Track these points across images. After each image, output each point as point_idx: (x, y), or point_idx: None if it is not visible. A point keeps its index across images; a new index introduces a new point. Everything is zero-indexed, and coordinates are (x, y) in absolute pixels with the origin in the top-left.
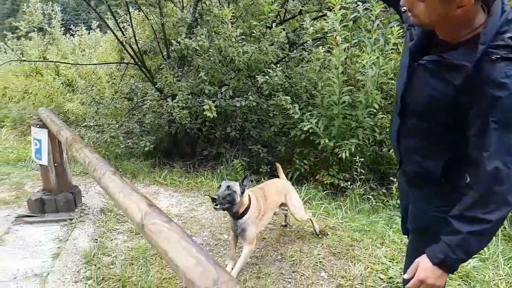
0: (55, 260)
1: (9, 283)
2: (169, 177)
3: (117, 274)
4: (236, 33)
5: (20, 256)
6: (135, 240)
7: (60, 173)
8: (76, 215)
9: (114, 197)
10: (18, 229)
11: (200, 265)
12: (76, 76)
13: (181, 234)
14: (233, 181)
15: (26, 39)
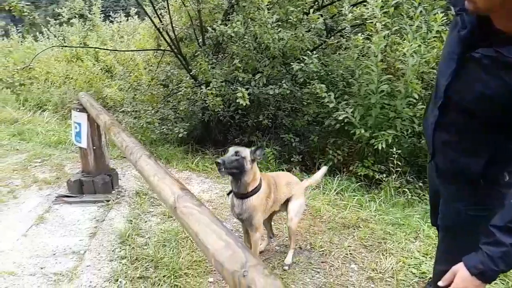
0: (92, 239)
1: (49, 258)
2: (201, 163)
3: (150, 255)
4: (272, 19)
5: (59, 234)
6: (168, 223)
7: (99, 156)
8: (112, 197)
9: (149, 180)
10: (58, 208)
11: (229, 248)
12: (115, 62)
13: (211, 218)
14: (243, 147)
15: (68, 26)
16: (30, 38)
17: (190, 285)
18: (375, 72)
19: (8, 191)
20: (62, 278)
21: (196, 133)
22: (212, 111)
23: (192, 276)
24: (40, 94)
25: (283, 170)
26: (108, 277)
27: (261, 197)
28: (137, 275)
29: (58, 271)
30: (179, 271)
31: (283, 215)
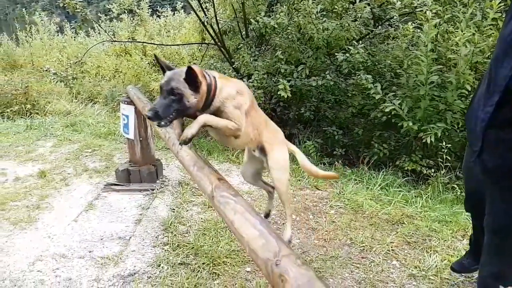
0: (137, 225)
1: (97, 243)
2: (241, 156)
3: (191, 242)
4: (317, 9)
5: (107, 220)
6: (208, 213)
7: (145, 147)
8: (157, 186)
9: (189, 170)
10: (107, 195)
11: (263, 237)
12: (161, 56)
13: (247, 207)
14: (177, 71)
15: (117, 21)
16: (83, 34)
17: (228, 273)
18: (425, 62)
19: (61, 178)
20: (109, 261)
21: None
22: None
23: (230, 265)
24: (91, 88)
25: (324, 164)
26: (151, 262)
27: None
28: (178, 261)
29: (105, 255)
30: (218, 260)
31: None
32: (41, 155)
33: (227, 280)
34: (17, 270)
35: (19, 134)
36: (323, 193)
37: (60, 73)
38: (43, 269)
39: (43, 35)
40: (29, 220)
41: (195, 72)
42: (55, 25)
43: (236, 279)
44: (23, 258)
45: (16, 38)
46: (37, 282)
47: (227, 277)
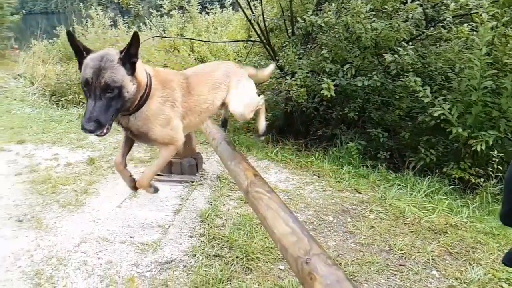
0: (176, 215)
1: (138, 229)
2: (280, 153)
3: (226, 236)
4: (366, 8)
5: (148, 208)
6: (244, 208)
7: (187, 140)
8: (196, 179)
9: (226, 164)
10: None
11: (295, 234)
12: (208, 52)
13: (280, 204)
14: (104, 53)
15: (168, 17)
16: (135, 29)
17: (261, 269)
18: (479, 66)
19: (108, 166)
20: (148, 248)
21: (278, 124)
22: (296, 102)
23: (264, 261)
24: None
25: (367, 167)
26: (188, 251)
27: (154, 105)
28: (213, 253)
29: (145, 241)
30: (252, 255)
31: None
32: (91, 143)
33: (259, 276)
34: (63, 249)
35: (72, 122)
36: (364, 196)
37: None
38: (87, 251)
39: (98, 28)
40: (77, 203)
41: (139, 39)
42: (109, 20)
43: (269, 276)
44: (69, 239)
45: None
46: (81, 262)
47: (259, 273)
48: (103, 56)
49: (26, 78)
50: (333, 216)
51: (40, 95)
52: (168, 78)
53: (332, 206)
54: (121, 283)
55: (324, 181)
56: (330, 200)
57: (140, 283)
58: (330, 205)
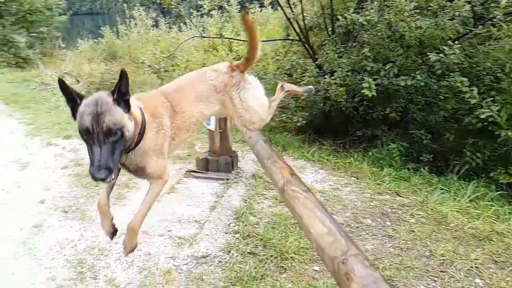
0: (212, 211)
1: (175, 224)
2: (317, 154)
3: (260, 234)
4: (410, 6)
5: (185, 203)
6: (279, 207)
7: (224, 138)
8: (232, 176)
9: (263, 163)
10: (187, 181)
11: (332, 235)
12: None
13: (317, 204)
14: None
15: (208, 17)
16: (175, 29)
17: (295, 269)
18: None
19: None
20: (184, 242)
21: (315, 123)
22: (334, 101)
23: (298, 262)
24: None
25: (408, 170)
26: (222, 247)
27: (152, 135)
28: (247, 250)
29: (182, 235)
30: (286, 254)
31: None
32: None
33: (294, 276)
34: (105, 241)
35: None
36: (404, 200)
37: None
38: None
39: (140, 29)
40: (118, 197)
41: (127, 77)
42: (152, 20)
43: (303, 276)
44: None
45: (117, 31)
46: (121, 253)
47: (294, 272)
48: (97, 101)
49: (72, 76)
50: (372, 219)
51: (86, 92)
52: (154, 105)
53: (371, 208)
54: (159, 275)
55: (363, 183)
56: (368, 202)
57: (176, 276)
58: (368, 207)
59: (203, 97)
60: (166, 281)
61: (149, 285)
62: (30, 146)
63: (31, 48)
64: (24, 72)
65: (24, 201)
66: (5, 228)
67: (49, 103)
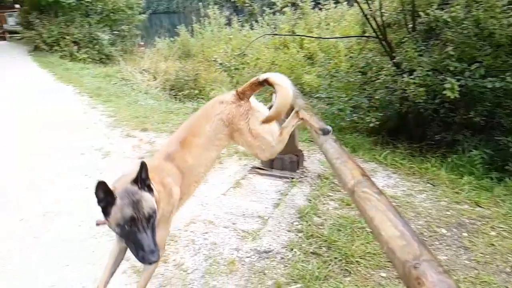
0: (275, 208)
1: (239, 217)
2: (390, 157)
3: (325, 235)
4: (503, 2)
5: (249, 199)
6: (345, 210)
7: (290, 137)
8: (296, 175)
9: (331, 162)
10: (251, 177)
11: (404, 239)
12: (317, 49)
13: (389, 207)
14: (126, 189)
15: (280, 14)
16: (247, 27)
17: (360, 274)
18: None
19: None
20: (248, 235)
21: (390, 125)
22: (412, 102)
23: (364, 267)
24: (249, 78)
25: (491, 179)
26: (285, 244)
27: (161, 208)
28: (310, 250)
29: (246, 229)
30: (351, 258)
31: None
32: None
33: (359, 280)
34: (175, 228)
35: (187, 115)
36: (485, 211)
37: (225, 64)
38: (194, 231)
39: (214, 27)
40: None
41: (146, 167)
42: (225, 18)
43: (369, 281)
44: (180, 219)
45: (192, 30)
46: (189, 241)
47: (359, 277)
48: (128, 192)
49: (150, 73)
50: (447, 229)
51: (161, 89)
52: (162, 176)
53: (447, 218)
54: (223, 264)
55: (439, 191)
56: (444, 211)
57: (239, 267)
58: (444, 216)
59: (211, 139)
60: (230, 270)
61: (214, 273)
62: (111, 137)
63: (113, 46)
64: (106, 68)
65: None
66: (87, 211)
67: (129, 98)
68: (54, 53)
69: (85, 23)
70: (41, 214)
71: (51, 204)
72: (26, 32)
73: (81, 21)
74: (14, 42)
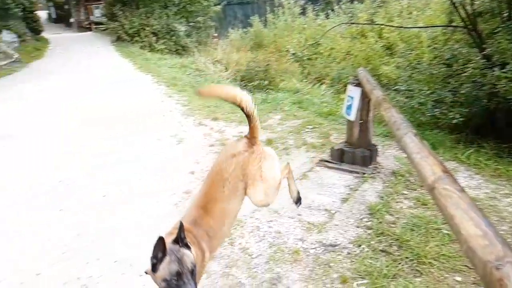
0: (343, 203)
1: (305, 209)
2: (473, 156)
3: (396, 234)
4: None
5: (316, 191)
6: (420, 209)
7: (363, 130)
8: (368, 171)
9: (410, 157)
10: (319, 170)
11: (487, 238)
12: (397, 39)
13: (472, 206)
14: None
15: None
16: (322, 16)
17: (433, 275)
18: None
19: (283, 148)
20: (313, 227)
21: (475, 122)
22: (502, 98)
23: (437, 269)
24: (321, 69)
25: None
26: (352, 240)
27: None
28: (379, 247)
29: (311, 221)
30: (424, 258)
31: None
32: (270, 125)
33: (430, 282)
34: (241, 214)
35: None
36: None
37: (297, 54)
38: (260, 218)
39: (287, 17)
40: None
41: (183, 226)
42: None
43: (442, 284)
44: (247, 205)
45: (265, 20)
46: (255, 227)
47: (431, 278)
48: (172, 250)
49: (222, 64)
50: None
51: (232, 79)
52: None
53: None
54: (287, 253)
55: None
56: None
57: (304, 257)
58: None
59: (230, 198)
60: (294, 260)
61: (278, 260)
62: (184, 124)
63: (189, 37)
64: (182, 58)
65: (178, 171)
66: (162, 192)
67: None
68: (135, 44)
69: (164, 15)
70: (126, 190)
71: (135, 182)
72: (110, 24)
73: (159, 13)
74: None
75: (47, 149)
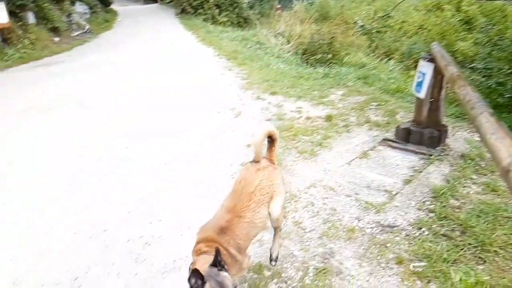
0: (406, 185)
1: (363, 188)
2: None
3: (460, 219)
4: None
5: (377, 171)
6: (489, 196)
7: (434, 109)
8: (436, 153)
9: (484, 138)
10: (381, 149)
11: None
12: (478, 13)
13: None
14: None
15: None
16: None
17: (497, 264)
18: None
19: (344, 125)
20: (371, 207)
21: None
22: None
23: (503, 258)
24: (390, 43)
25: None
26: (412, 222)
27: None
28: (441, 232)
29: (369, 201)
30: (489, 246)
31: None
32: (331, 101)
33: (494, 270)
34: (296, 188)
35: (317, 80)
36: None
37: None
38: (314, 194)
39: None
40: (312, 153)
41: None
42: None
43: (507, 273)
44: (301, 181)
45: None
46: (308, 203)
47: (495, 267)
48: (211, 276)
49: (284, 36)
50: None
51: (294, 53)
52: (220, 243)
53: None
54: (342, 230)
55: None
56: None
57: (359, 236)
58: None
59: (255, 212)
60: (349, 237)
61: (332, 236)
62: (243, 98)
63: (252, 9)
64: (243, 31)
65: (235, 143)
66: (220, 162)
67: (261, 62)
68: (198, 16)
69: None
70: (187, 158)
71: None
72: None
73: None
74: (164, 5)
75: (116, 117)
